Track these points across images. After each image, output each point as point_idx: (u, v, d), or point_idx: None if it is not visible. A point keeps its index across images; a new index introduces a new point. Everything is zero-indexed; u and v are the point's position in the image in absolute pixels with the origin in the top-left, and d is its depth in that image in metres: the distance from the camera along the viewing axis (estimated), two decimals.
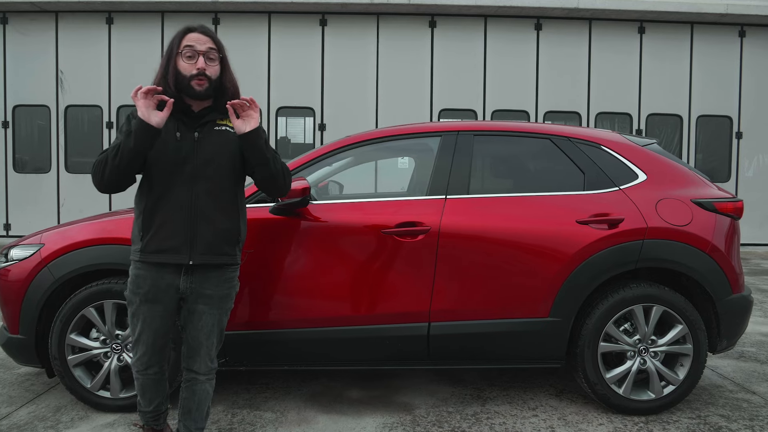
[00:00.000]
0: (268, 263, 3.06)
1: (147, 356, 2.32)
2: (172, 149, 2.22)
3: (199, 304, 2.30)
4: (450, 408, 3.27)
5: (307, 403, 3.32)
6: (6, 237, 10.45)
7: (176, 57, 2.22)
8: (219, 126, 2.30)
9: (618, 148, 3.33)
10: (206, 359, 2.36)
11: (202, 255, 2.25)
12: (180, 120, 2.25)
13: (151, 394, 2.39)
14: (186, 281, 2.27)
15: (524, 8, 10.18)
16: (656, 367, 3.14)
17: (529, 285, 3.08)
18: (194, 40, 2.22)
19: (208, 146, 2.26)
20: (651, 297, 3.11)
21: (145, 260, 2.24)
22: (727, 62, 10.80)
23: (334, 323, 3.07)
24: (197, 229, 2.23)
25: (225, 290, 2.35)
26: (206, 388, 2.40)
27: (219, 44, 2.28)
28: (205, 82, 2.21)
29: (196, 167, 2.23)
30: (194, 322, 2.32)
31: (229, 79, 2.29)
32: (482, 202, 3.16)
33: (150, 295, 2.25)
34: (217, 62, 2.26)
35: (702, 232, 3.14)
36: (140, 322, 2.28)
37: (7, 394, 3.41)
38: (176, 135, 2.23)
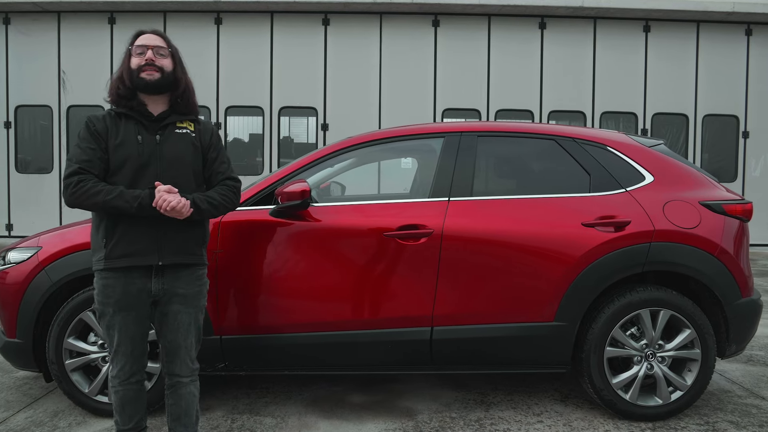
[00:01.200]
0: (269, 266, 3.01)
1: (129, 365, 2.29)
2: (135, 154, 2.21)
3: (174, 303, 2.28)
4: (453, 413, 3.21)
5: (308, 408, 3.27)
6: (8, 237, 10.45)
7: (129, 56, 2.27)
8: (180, 128, 2.31)
9: (624, 149, 3.27)
10: (187, 360, 2.34)
11: (172, 255, 2.24)
12: (140, 123, 2.25)
13: (131, 408, 2.34)
14: (157, 283, 2.24)
15: (528, 7, 10.12)
16: (664, 372, 3.08)
17: (534, 289, 3.02)
18: (145, 39, 2.28)
19: (170, 149, 2.27)
20: (658, 301, 3.05)
21: (111, 267, 2.20)
22: (734, 61, 10.72)
23: (336, 327, 3.01)
24: (164, 231, 2.22)
25: (197, 287, 2.34)
26: (191, 391, 2.37)
27: (169, 43, 2.33)
28: (155, 72, 2.22)
29: (160, 170, 2.22)
30: (170, 323, 2.30)
31: (180, 72, 2.30)
32: (486, 205, 3.10)
33: (122, 303, 2.22)
34: (168, 57, 2.28)
35: (710, 235, 3.08)
36: (116, 332, 2.25)
37: (5, 399, 3.37)
38: (138, 139, 2.23)
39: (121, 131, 2.22)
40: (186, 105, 2.33)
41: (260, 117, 10.44)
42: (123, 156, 2.20)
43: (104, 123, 2.23)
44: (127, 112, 2.25)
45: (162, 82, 2.24)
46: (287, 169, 3.22)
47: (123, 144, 2.20)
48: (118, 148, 2.20)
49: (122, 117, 2.25)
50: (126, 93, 2.23)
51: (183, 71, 2.32)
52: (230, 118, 10.50)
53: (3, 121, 10.40)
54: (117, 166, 2.20)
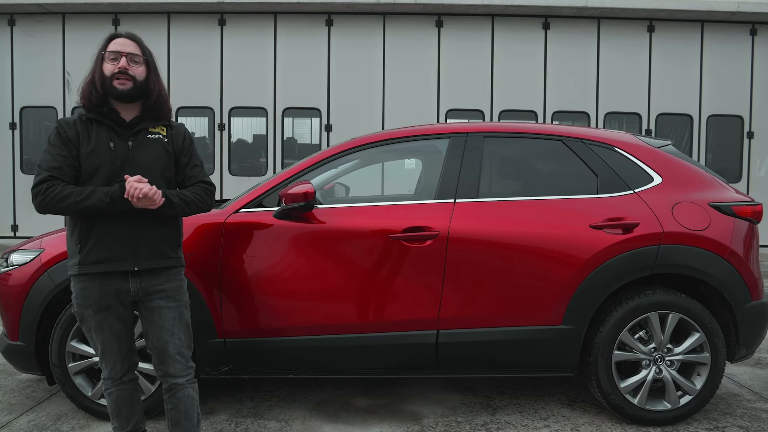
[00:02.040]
0: (273, 268, 2.99)
1: (119, 363, 2.27)
2: (107, 160, 2.18)
3: (155, 299, 2.26)
4: (459, 417, 3.18)
5: (312, 411, 3.24)
6: (13, 238, 10.45)
7: (101, 61, 2.22)
8: (152, 134, 2.29)
9: (632, 149, 3.23)
10: (178, 358, 2.29)
11: (147, 260, 2.22)
12: (112, 130, 2.22)
13: (127, 409, 2.31)
14: (135, 283, 2.23)
15: (532, 7, 10.07)
16: (672, 376, 3.04)
17: (541, 292, 2.98)
18: (119, 44, 2.23)
19: (143, 154, 2.24)
20: (667, 304, 3.01)
21: (85, 272, 2.18)
22: (738, 61, 10.64)
23: (340, 331, 2.98)
24: (139, 236, 2.21)
25: (176, 282, 2.32)
26: (189, 393, 2.33)
27: (144, 49, 2.28)
28: (128, 82, 2.19)
29: (133, 174, 2.18)
30: (154, 320, 2.27)
31: (153, 81, 2.26)
32: (492, 206, 3.07)
33: (102, 304, 2.21)
34: (142, 65, 2.24)
35: (720, 237, 3.04)
36: (100, 332, 2.23)
37: (8, 402, 3.35)
38: (110, 145, 2.20)
39: (93, 137, 2.19)
40: (158, 112, 2.30)
41: (264, 118, 10.42)
42: (95, 163, 2.17)
43: (75, 128, 2.20)
44: (98, 118, 2.21)
45: (134, 91, 2.21)
46: (291, 170, 3.19)
47: (95, 151, 2.18)
48: (90, 155, 2.17)
49: (93, 122, 2.22)
50: (98, 99, 2.20)
51: (156, 78, 2.28)
52: (234, 119, 10.48)
53: (8, 122, 10.40)
54: (89, 173, 2.17)
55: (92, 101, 2.20)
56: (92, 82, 2.20)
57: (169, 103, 2.34)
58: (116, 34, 2.27)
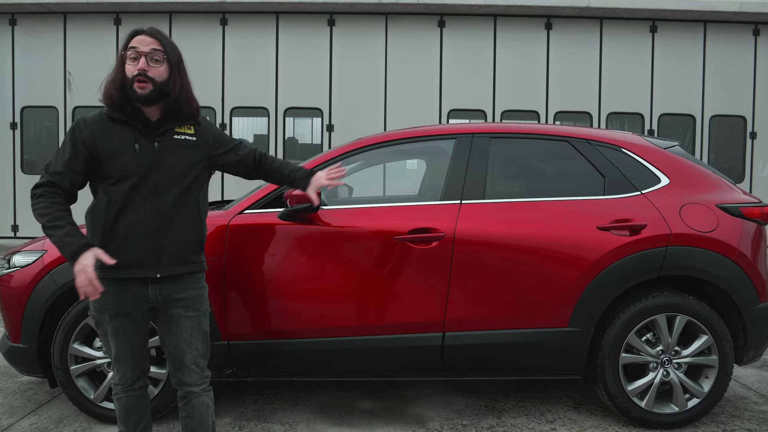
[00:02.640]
0: (277, 270, 2.96)
1: (130, 371, 2.21)
2: (133, 163, 2.09)
3: (174, 308, 2.20)
4: (465, 420, 3.15)
5: (316, 414, 3.21)
6: (14, 238, 10.43)
7: (123, 60, 2.11)
8: (178, 134, 2.19)
9: (639, 150, 3.21)
10: (194, 368, 2.23)
11: (169, 266, 2.15)
12: (137, 130, 2.12)
13: (136, 415, 2.26)
14: (155, 290, 2.16)
15: (534, 7, 10.04)
16: (680, 379, 3.01)
17: (548, 294, 2.96)
18: (139, 41, 2.10)
19: (170, 156, 2.15)
20: (674, 306, 2.99)
21: (105, 277, 2.08)
22: (741, 61, 10.61)
23: (345, 333, 2.96)
24: (163, 241, 2.13)
25: (196, 290, 2.25)
26: (204, 401, 2.27)
27: (167, 46, 2.13)
28: (147, 84, 2.07)
29: (160, 179, 2.12)
30: (172, 329, 2.21)
31: (175, 82, 2.13)
32: (498, 208, 3.04)
33: (119, 309, 2.14)
34: (164, 63, 2.11)
35: (728, 239, 3.02)
36: (114, 338, 2.17)
37: (9, 404, 3.32)
38: (135, 147, 2.10)
39: (116, 139, 2.10)
40: (180, 112, 2.18)
41: (265, 118, 10.39)
42: (120, 166, 2.08)
43: (92, 129, 2.10)
44: (122, 117, 2.11)
45: (154, 95, 2.10)
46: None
47: (119, 153, 2.08)
48: (114, 158, 2.08)
49: (117, 121, 2.12)
50: (120, 99, 2.10)
51: (179, 78, 2.15)
52: (235, 119, 10.46)
53: (9, 122, 10.38)
54: (114, 177, 2.08)
55: (114, 101, 2.10)
56: (113, 82, 2.11)
57: (192, 102, 2.20)
58: (138, 31, 2.13)
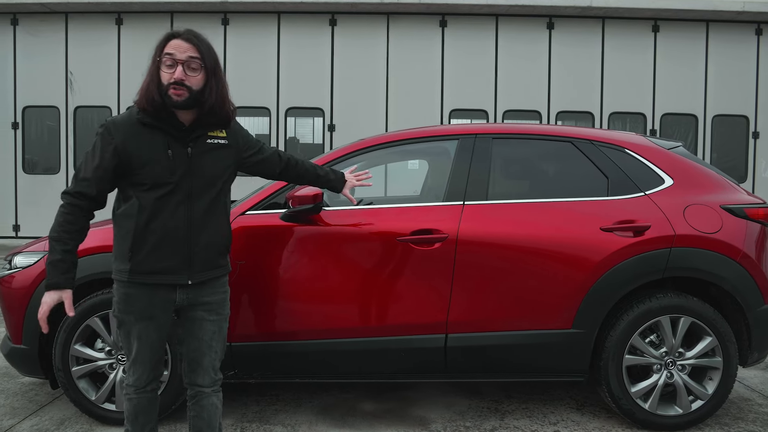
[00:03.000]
0: (279, 272, 2.95)
1: (146, 373, 2.20)
2: (167, 170, 2.06)
3: (198, 311, 2.19)
4: (467, 422, 3.14)
5: (318, 416, 3.20)
6: (15, 238, 10.43)
7: (158, 65, 2.05)
8: (211, 139, 2.17)
9: (643, 151, 3.19)
10: (209, 370, 2.24)
11: (200, 273, 2.14)
12: (170, 135, 2.08)
13: (144, 417, 2.25)
14: (182, 294, 2.15)
15: (536, 7, 10.02)
16: (684, 380, 3.00)
17: (551, 295, 2.94)
18: (175, 47, 2.04)
19: (203, 162, 2.12)
20: (678, 308, 2.97)
21: (135, 281, 2.08)
22: (744, 61, 10.59)
23: (348, 334, 2.95)
24: (195, 248, 2.11)
25: (220, 295, 2.25)
26: (214, 402, 2.27)
27: (204, 52, 2.08)
28: (183, 91, 2.03)
29: (194, 185, 2.09)
30: (195, 331, 2.20)
31: (212, 89, 2.08)
32: (502, 209, 3.03)
33: (146, 313, 2.12)
34: (200, 72, 2.06)
35: (732, 240, 3.00)
36: (136, 340, 2.15)
37: (11, 405, 3.32)
38: (168, 153, 2.07)
39: (148, 145, 2.05)
40: (214, 118, 2.15)
41: (267, 118, 10.38)
42: (152, 174, 2.05)
43: (125, 134, 2.05)
44: (155, 123, 2.07)
45: (190, 102, 2.05)
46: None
47: (152, 160, 2.05)
48: (146, 164, 2.04)
49: (147, 126, 2.07)
50: (159, 105, 2.04)
51: (215, 84, 2.10)
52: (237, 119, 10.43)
53: (10, 121, 10.38)
54: (147, 184, 2.05)
55: (155, 106, 2.04)
56: (152, 89, 2.04)
57: (226, 107, 2.16)
58: (174, 34, 2.07)
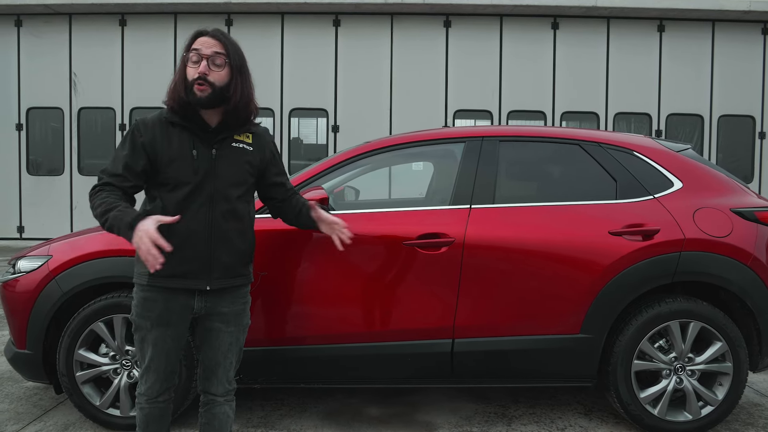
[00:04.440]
0: (284, 276, 2.92)
1: (159, 383, 2.15)
2: (190, 169, 2.05)
3: (215, 322, 2.16)
4: (474, 428, 3.11)
5: (324, 421, 3.18)
6: (19, 239, 10.44)
7: (185, 62, 2.07)
8: (236, 143, 2.15)
9: (651, 154, 3.16)
10: (224, 380, 2.22)
11: (219, 279, 2.11)
12: (195, 135, 2.08)
13: (155, 426, 2.22)
14: (200, 301, 2.12)
15: (541, 7, 9.99)
16: (693, 386, 2.96)
17: (559, 300, 2.91)
18: (201, 43, 2.06)
19: (227, 165, 2.10)
20: (688, 312, 2.93)
21: (155, 284, 2.06)
22: (750, 61, 10.53)
23: (353, 339, 2.92)
24: (215, 252, 2.09)
25: (240, 306, 2.21)
26: (226, 411, 2.24)
27: (230, 49, 2.09)
28: (206, 87, 2.03)
29: (216, 187, 2.07)
30: (211, 341, 2.18)
31: (235, 87, 2.09)
32: (509, 212, 2.99)
33: (163, 319, 2.09)
34: (225, 68, 2.07)
35: (743, 244, 2.96)
36: (151, 347, 2.11)
37: (15, 410, 3.30)
38: (192, 153, 2.06)
39: (175, 144, 2.06)
40: (238, 118, 2.13)
41: (270, 118, 10.37)
42: (176, 173, 2.04)
43: (153, 133, 2.06)
44: (182, 122, 2.07)
45: (213, 98, 2.05)
46: (303, 175, 3.13)
47: (177, 159, 2.04)
48: (172, 164, 2.04)
49: (176, 126, 2.07)
50: (185, 103, 2.05)
51: (240, 82, 2.10)
52: None
53: (15, 123, 10.40)
54: (170, 183, 2.04)
55: (181, 105, 2.05)
56: (178, 85, 2.05)
57: (250, 107, 2.15)
58: (201, 32, 2.09)
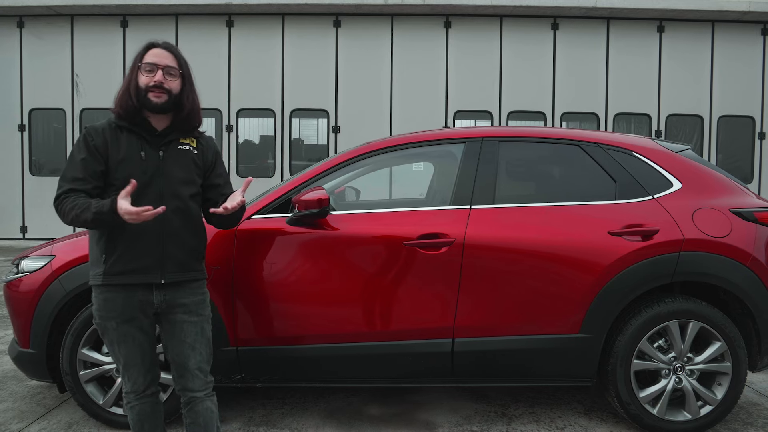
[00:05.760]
0: (286, 276, 2.95)
1: (142, 377, 2.21)
2: (139, 170, 2.14)
3: (178, 313, 2.23)
4: (474, 427, 3.13)
5: (325, 420, 3.20)
6: (22, 240, 10.47)
7: (137, 71, 2.17)
8: (182, 145, 2.26)
9: (651, 154, 3.17)
10: (198, 373, 2.25)
11: (173, 273, 2.19)
12: (143, 139, 2.19)
13: (150, 424, 2.26)
14: (159, 295, 2.19)
15: (541, 8, 10.01)
16: (692, 386, 2.98)
17: (559, 300, 2.93)
18: (155, 55, 2.18)
19: (174, 165, 2.21)
20: (687, 312, 2.95)
21: (110, 283, 2.13)
22: (750, 61, 10.55)
23: (354, 339, 2.94)
24: (167, 248, 2.17)
25: (199, 296, 2.29)
26: (208, 406, 2.28)
27: (181, 61, 2.23)
28: (163, 95, 2.15)
29: (164, 187, 2.16)
30: (176, 334, 2.23)
31: (188, 96, 2.22)
32: (509, 213, 3.01)
33: (126, 315, 2.15)
34: (178, 78, 2.20)
35: (742, 244, 2.98)
36: (123, 345, 2.17)
37: (19, 409, 3.32)
38: (141, 154, 2.16)
39: (123, 146, 2.15)
40: (189, 124, 2.26)
41: (271, 119, 10.40)
42: (125, 173, 2.12)
43: (104, 137, 2.15)
44: (129, 126, 2.18)
45: (168, 105, 2.18)
46: (304, 175, 3.15)
47: (125, 160, 2.14)
48: (121, 164, 2.13)
49: (124, 130, 2.18)
50: (133, 110, 2.16)
51: (191, 92, 2.25)
52: (242, 120, 10.47)
53: (17, 124, 10.44)
54: (119, 183, 2.11)
55: (128, 111, 2.16)
56: (127, 92, 2.16)
57: (200, 115, 2.30)
58: (153, 44, 2.21)
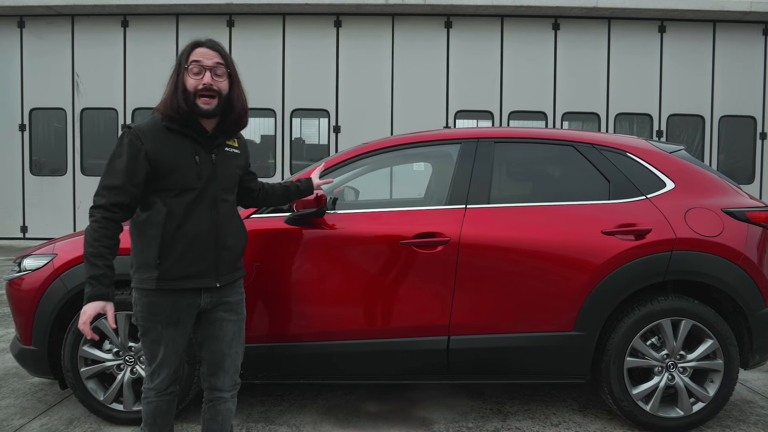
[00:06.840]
0: (283, 275, 2.99)
1: (170, 377, 2.22)
2: (194, 174, 2.11)
3: (220, 311, 2.25)
4: (470, 423, 3.17)
5: (323, 416, 3.24)
6: (23, 239, 10.53)
7: (184, 73, 2.10)
8: (228, 147, 2.27)
9: (644, 155, 3.21)
10: (231, 373, 2.28)
11: (225, 275, 2.22)
12: (196, 142, 2.15)
13: (162, 420, 2.28)
14: (207, 297, 2.20)
15: (542, 8, 10.03)
16: (685, 383, 3.02)
17: (553, 298, 2.97)
18: (201, 55, 2.10)
19: (225, 169, 2.23)
20: (679, 310, 2.99)
21: (164, 288, 2.10)
22: (751, 61, 10.56)
23: (351, 336, 2.98)
24: (221, 251, 2.19)
25: (239, 295, 2.32)
26: (229, 407, 2.32)
27: (227, 59, 2.17)
28: (212, 100, 2.11)
29: (217, 191, 2.17)
30: (215, 332, 2.25)
31: (237, 96, 2.19)
32: (503, 212, 3.05)
33: (172, 319, 2.15)
34: (225, 78, 2.15)
35: (733, 243, 3.01)
36: (163, 347, 2.17)
37: (20, 405, 3.37)
38: (195, 159, 2.13)
39: (176, 150, 2.09)
40: (236, 126, 2.23)
41: (272, 119, 10.44)
42: (181, 179, 2.09)
43: (153, 140, 2.07)
44: (181, 129, 2.11)
45: (218, 109, 2.13)
46: (303, 175, 3.19)
47: (180, 166, 2.09)
48: (175, 170, 2.08)
49: (175, 132, 2.11)
50: (185, 113, 2.08)
51: (240, 92, 2.20)
52: None
53: (18, 123, 10.49)
54: (175, 189, 2.08)
55: (181, 114, 2.08)
56: (175, 95, 2.08)
57: (247, 117, 2.25)
58: (198, 42, 2.13)
